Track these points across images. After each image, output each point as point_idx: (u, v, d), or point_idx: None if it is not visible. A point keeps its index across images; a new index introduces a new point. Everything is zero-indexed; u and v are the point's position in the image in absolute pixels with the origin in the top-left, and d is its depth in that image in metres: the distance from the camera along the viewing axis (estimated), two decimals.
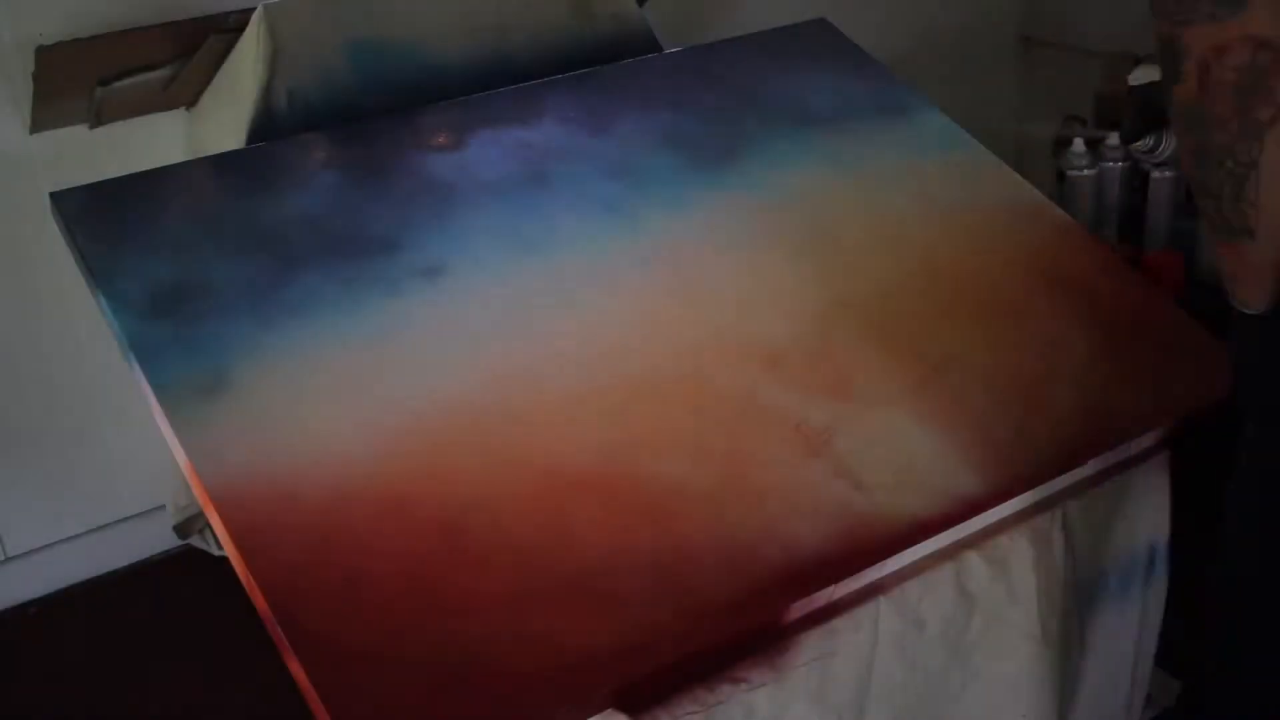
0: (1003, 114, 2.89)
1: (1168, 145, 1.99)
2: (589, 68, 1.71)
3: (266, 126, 1.56)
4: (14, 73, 1.78)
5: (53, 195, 1.39)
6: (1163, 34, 0.97)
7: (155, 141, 1.86)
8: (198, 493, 1.15)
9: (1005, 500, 1.26)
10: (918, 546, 1.22)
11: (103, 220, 1.36)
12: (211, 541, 2.00)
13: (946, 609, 1.27)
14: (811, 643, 1.18)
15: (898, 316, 1.42)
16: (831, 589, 1.17)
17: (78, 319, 1.94)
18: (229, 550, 1.11)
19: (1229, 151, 0.97)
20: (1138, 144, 2.01)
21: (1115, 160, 2.06)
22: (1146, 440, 1.38)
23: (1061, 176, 2.09)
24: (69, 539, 2.04)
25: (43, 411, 1.96)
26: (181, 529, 2.01)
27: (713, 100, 1.67)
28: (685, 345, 1.35)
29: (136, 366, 1.23)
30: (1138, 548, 1.43)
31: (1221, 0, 0.93)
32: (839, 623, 1.20)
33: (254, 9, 1.59)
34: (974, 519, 1.25)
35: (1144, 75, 2.20)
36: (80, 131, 1.82)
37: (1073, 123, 2.21)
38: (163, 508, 2.03)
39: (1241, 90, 0.94)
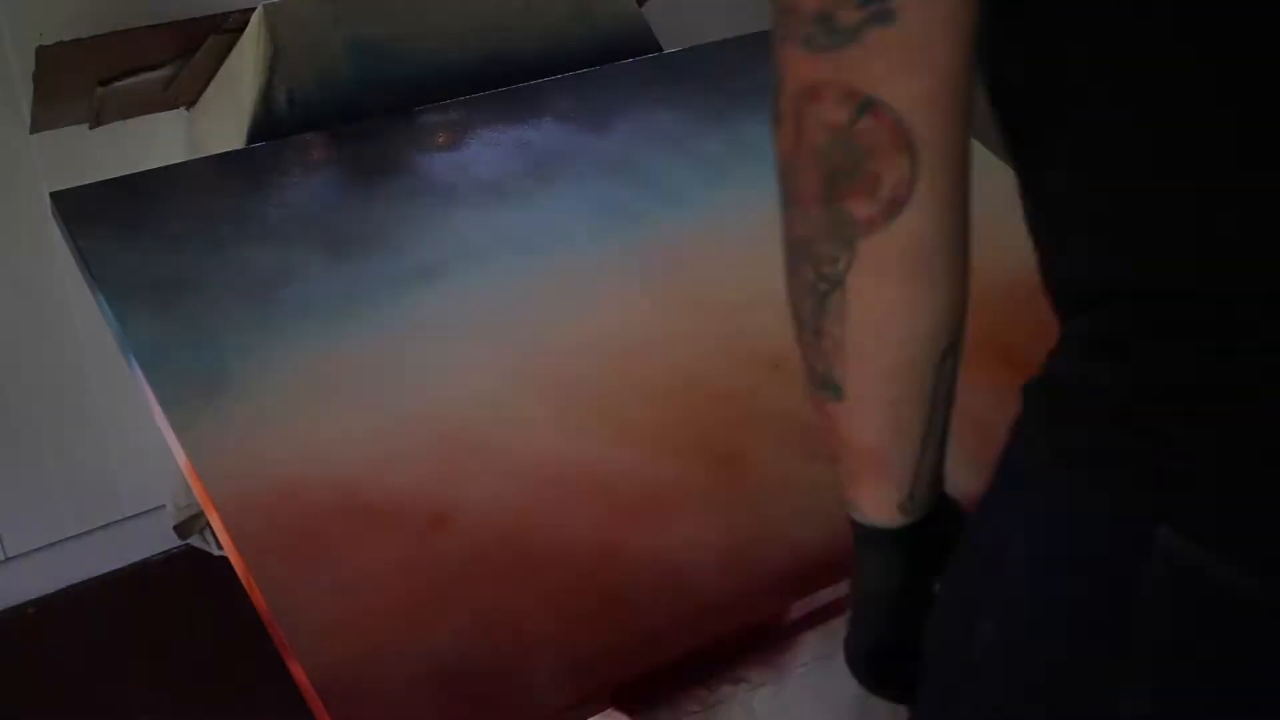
0: None
1: None
2: (589, 68, 1.71)
3: (266, 126, 1.56)
4: (14, 73, 1.78)
5: (53, 195, 1.39)
6: (771, 47, 0.64)
7: (155, 141, 1.86)
8: (198, 493, 1.15)
9: None
10: None
11: (103, 220, 1.36)
12: (211, 541, 2.00)
13: None
14: (812, 643, 1.18)
15: None
16: (832, 589, 1.17)
17: (78, 319, 1.94)
18: (229, 550, 1.11)
19: (808, 252, 0.64)
20: None
21: None
22: None
23: None
24: (69, 539, 2.04)
25: (43, 411, 1.96)
26: (181, 529, 2.01)
27: (713, 100, 1.67)
28: (686, 346, 1.35)
29: (136, 366, 1.23)
30: None
31: (820, 21, 0.59)
32: (839, 623, 1.20)
33: (254, 9, 1.59)
34: None
35: None
36: (80, 131, 1.82)
37: None
38: (163, 508, 2.03)
39: (830, 166, 0.61)
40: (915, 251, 0.63)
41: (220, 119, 1.70)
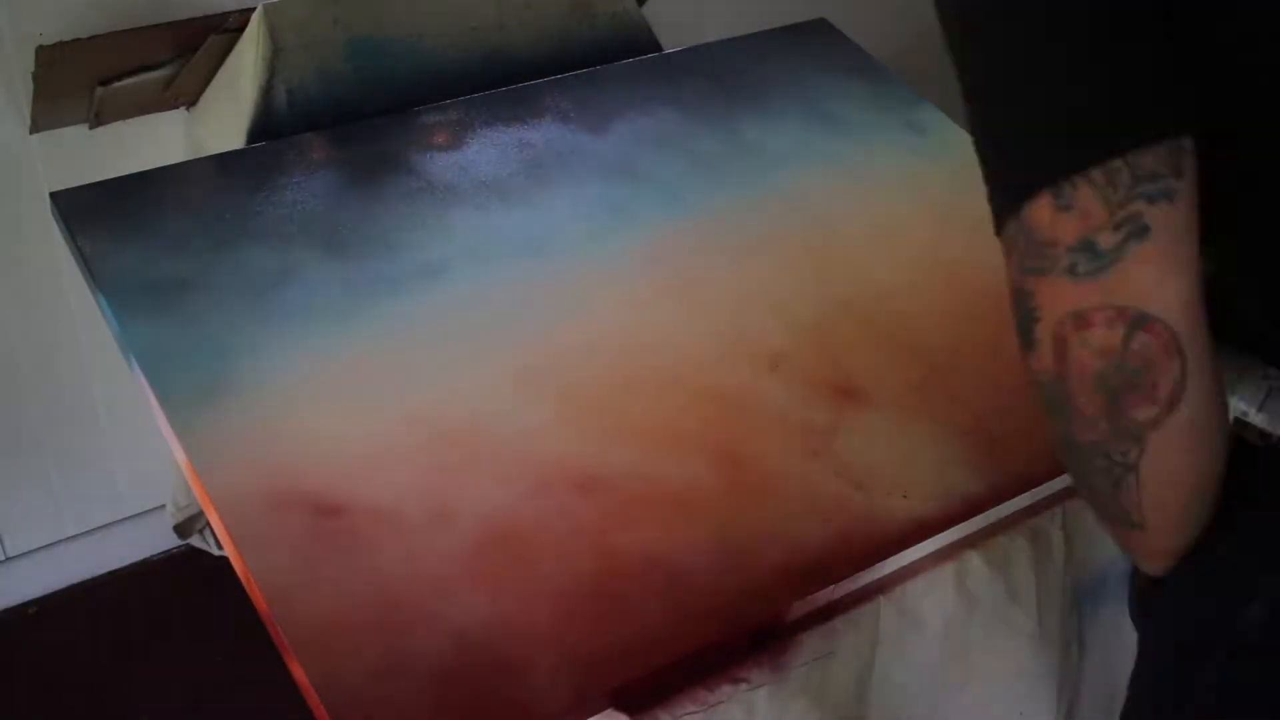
0: None
1: None
2: (589, 68, 1.71)
3: (266, 126, 1.56)
4: (14, 73, 1.78)
5: (53, 195, 1.39)
6: (1011, 278, 0.73)
7: (155, 141, 1.86)
8: (198, 493, 1.15)
9: (1005, 500, 1.26)
10: (918, 546, 1.22)
11: (103, 220, 1.36)
12: (211, 541, 2.00)
13: (947, 609, 1.27)
14: (811, 643, 1.18)
15: (898, 316, 1.42)
16: (831, 589, 1.17)
17: (78, 319, 1.94)
18: (229, 550, 1.11)
19: (1099, 450, 0.72)
20: None
21: None
22: None
23: None
24: (69, 539, 2.04)
25: (43, 411, 1.96)
26: (181, 529, 2.01)
27: (713, 100, 1.67)
28: (685, 345, 1.35)
29: (136, 367, 1.23)
30: None
31: (1081, 249, 0.66)
32: (839, 623, 1.20)
33: (254, 9, 1.59)
34: (974, 519, 1.25)
35: None
36: (80, 131, 1.82)
37: None
38: (163, 508, 2.03)
39: (1110, 385, 0.68)
40: (1194, 431, 0.70)
41: (220, 119, 1.70)
